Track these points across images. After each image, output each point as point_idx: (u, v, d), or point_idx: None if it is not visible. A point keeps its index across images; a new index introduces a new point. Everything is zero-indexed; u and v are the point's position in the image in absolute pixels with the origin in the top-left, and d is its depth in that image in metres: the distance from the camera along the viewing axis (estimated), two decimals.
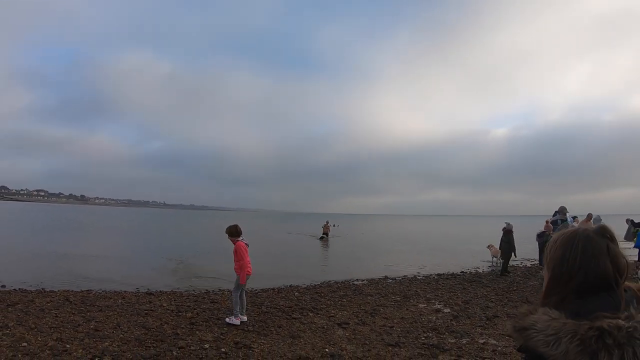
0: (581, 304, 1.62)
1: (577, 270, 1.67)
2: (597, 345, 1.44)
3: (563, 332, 1.51)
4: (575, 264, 1.68)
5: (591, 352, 1.44)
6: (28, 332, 8.09)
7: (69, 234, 39.20)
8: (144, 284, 14.33)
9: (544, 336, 1.55)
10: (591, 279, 1.65)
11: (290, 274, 17.52)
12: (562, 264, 1.72)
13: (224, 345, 7.74)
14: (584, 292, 1.65)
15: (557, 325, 1.54)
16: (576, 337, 1.48)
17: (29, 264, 17.87)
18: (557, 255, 1.75)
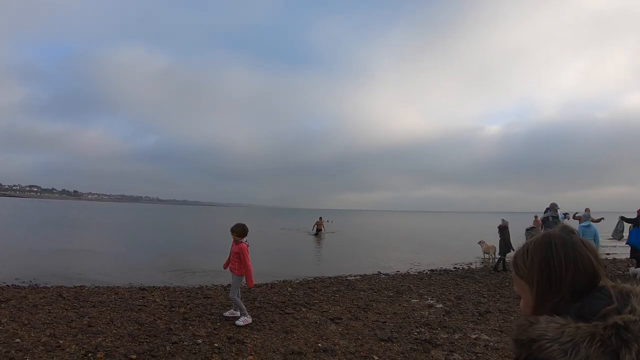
0: (580, 306, 1.54)
1: (566, 272, 1.60)
2: (617, 343, 1.39)
3: (580, 337, 1.42)
4: (562, 266, 1.61)
5: (611, 352, 1.39)
6: (21, 328, 8.08)
7: (62, 230, 39.04)
8: (137, 280, 14.33)
9: (559, 345, 1.43)
10: (581, 277, 1.59)
11: (284, 269, 17.54)
12: (549, 269, 1.62)
13: (217, 341, 7.76)
14: (577, 293, 1.58)
15: (571, 331, 1.44)
16: (596, 339, 1.40)
17: (21, 260, 17.81)
18: (540, 262, 1.65)
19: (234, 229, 9.22)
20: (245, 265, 9.05)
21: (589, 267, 1.60)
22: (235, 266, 9.16)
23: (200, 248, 26.93)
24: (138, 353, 6.95)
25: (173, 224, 58.85)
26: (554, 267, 1.61)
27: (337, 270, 17.72)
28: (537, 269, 1.64)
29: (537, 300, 1.63)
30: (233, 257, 9.18)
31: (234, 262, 9.17)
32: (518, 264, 1.71)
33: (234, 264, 9.17)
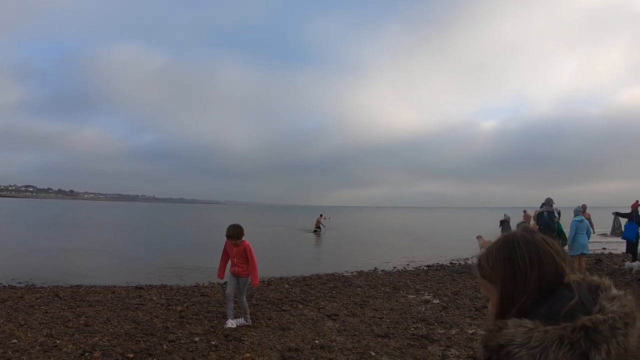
0: (548, 307, 1.52)
1: (531, 270, 1.58)
2: (586, 345, 1.38)
3: (548, 341, 1.40)
4: (527, 264, 1.59)
5: (581, 354, 1.37)
6: (18, 328, 8.07)
7: (58, 229, 38.97)
8: (134, 279, 14.31)
9: (527, 350, 1.40)
10: (546, 274, 1.58)
11: (280, 266, 17.54)
12: (514, 268, 1.61)
13: (214, 338, 7.77)
14: (544, 291, 1.57)
15: (539, 336, 1.41)
16: (564, 343, 1.38)
17: (18, 260, 17.77)
18: (504, 263, 1.63)
19: (232, 234, 8.60)
20: (253, 262, 8.64)
21: (552, 264, 1.59)
22: (243, 268, 8.64)
23: (196, 246, 26.89)
24: (135, 352, 6.94)
25: (169, 223, 58.78)
26: (518, 265, 1.59)
27: (334, 267, 17.73)
28: (502, 269, 1.62)
29: (504, 301, 1.61)
30: (237, 259, 8.62)
31: (241, 264, 8.64)
32: (482, 266, 1.71)
33: (242, 266, 8.64)
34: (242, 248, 8.64)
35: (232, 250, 8.67)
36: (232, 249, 8.65)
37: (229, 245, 8.73)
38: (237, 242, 8.61)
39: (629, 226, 15.84)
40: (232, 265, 8.71)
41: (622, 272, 14.73)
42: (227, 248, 8.79)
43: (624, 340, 1.42)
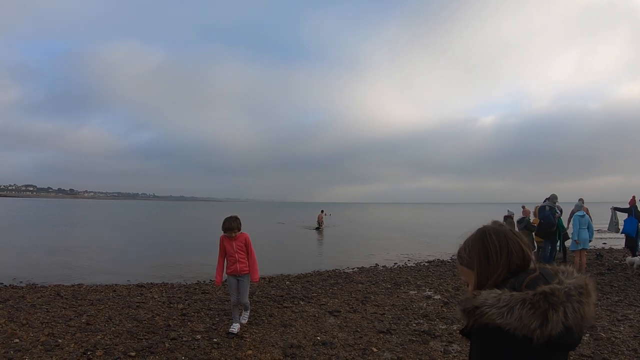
0: (514, 281, 1.87)
1: (501, 256, 1.96)
2: (545, 306, 1.70)
3: (513, 302, 1.74)
4: (498, 251, 1.97)
5: (541, 313, 1.69)
6: (20, 328, 8.07)
7: (58, 228, 38.98)
8: (135, 277, 14.33)
9: (497, 309, 1.75)
10: (514, 259, 1.95)
11: (281, 263, 17.56)
12: (487, 255, 1.99)
13: (215, 336, 7.76)
14: (512, 273, 1.93)
15: (506, 298, 1.76)
16: (527, 303, 1.72)
17: (18, 259, 17.78)
18: (479, 250, 2.02)
19: (232, 226, 7.88)
20: (254, 256, 8.13)
21: (519, 251, 1.97)
22: (245, 263, 8.01)
23: (197, 244, 26.91)
24: (137, 350, 6.94)
25: (169, 220, 58.79)
26: (491, 252, 1.98)
27: (335, 263, 17.76)
28: (477, 256, 2.01)
29: (480, 281, 1.98)
30: (239, 255, 7.96)
31: (242, 259, 8.00)
32: (461, 255, 2.13)
33: (244, 261, 8.01)
34: (242, 240, 8.03)
35: (231, 245, 7.95)
36: (232, 244, 7.94)
37: (226, 241, 7.98)
38: (236, 235, 7.93)
39: (629, 221, 15.91)
40: (232, 263, 7.97)
41: (622, 267, 14.74)
42: (224, 244, 8.00)
43: (580, 307, 1.75)
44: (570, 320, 1.71)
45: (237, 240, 7.96)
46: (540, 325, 1.69)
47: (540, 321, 1.69)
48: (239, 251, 7.98)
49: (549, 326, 1.69)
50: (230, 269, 8.00)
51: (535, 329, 1.69)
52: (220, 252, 8.09)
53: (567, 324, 1.71)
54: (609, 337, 7.58)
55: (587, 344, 7.30)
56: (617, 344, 7.28)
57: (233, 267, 7.98)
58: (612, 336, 7.65)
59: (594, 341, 7.43)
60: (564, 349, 1.83)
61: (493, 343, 1.83)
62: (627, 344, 7.25)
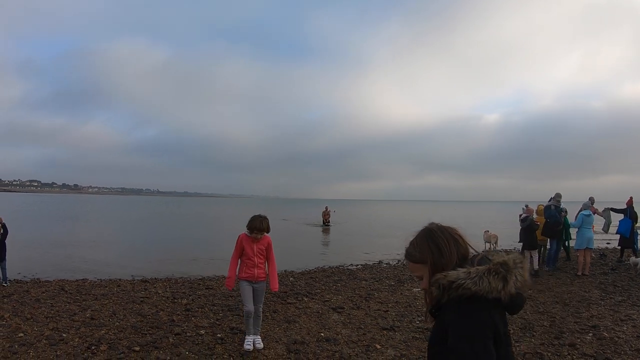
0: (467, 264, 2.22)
1: (451, 246, 2.29)
2: (503, 271, 2.09)
3: (481, 272, 2.10)
4: (447, 244, 2.29)
5: (502, 278, 2.08)
6: (24, 322, 8.11)
7: (62, 223, 39.11)
8: (139, 272, 14.38)
9: (470, 280, 2.09)
10: (462, 250, 2.31)
11: (285, 259, 17.56)
12: (439, 248, 2.29)
13: (219, 331, 7.79)
14: (459, 263, 2.24)
15: (474, 271, 2.11)
16: (492, 271, 2.10)
17: (23, 254, 17.83)
18: (430, 246, 2.32)
19: (263, 226, 6.82)
20: (274, 262, 7.12)
21: (463, 242, 2.34)
22: (263, 269, 7.01)
23: (201, 239, 26.97)
24: (141, 345, 6.96)
25: (173, 216, 58.84)
26: (443, 246, 2.29)
27: (338, 260, 17.79)
28: (430, 251, 2.30)
29: (436, 273, 2.23)
30: (259, 259, 6.95)
31: (262, 264, 7.00)
32: (411, 254, 2.41)
33: (263, 267, 7.01)
34: (265, 243, 7.02)
35: (251, 247, 6.91)
36: (252, 246, 6.91)
37: (247, 242, 6.93)
38: (261, 237, 6.92)
39: (624, 221, 16.26)
40: (249, 267, 6.92)
41: (626, 267, 14.71)
42: (243, 245, 6.95)
43: (522, 272, 2.16)
44: (519, 283, 2.13)
45: (259, 242, 6.96)
46: (503, 287, 2.07)
47: (503, 284, 2.08)
48: (259, 255, 6.96)
49: (508, 287, 2.08)
50: (247, 274, 6.91)
51: (500, 290, 2.07)
52: (235, 252, 7.03)
53: (516, 286, 2.12)
54: (612, 337, 7.57)
55: (589, 343, 7.30)
56: (620, 343, 7.26)
57: (250, 272, 6.91)
58: (615, 336, 7.64)
59: (597, 340, 7.42)
60: (514, 309, 2.23)
61: (470, 309, 2.12)
62: (630, 344, 7.24)
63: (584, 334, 7.80)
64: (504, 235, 24.85)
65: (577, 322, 8.51)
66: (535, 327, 8.14)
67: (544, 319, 8.72)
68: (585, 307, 9.65)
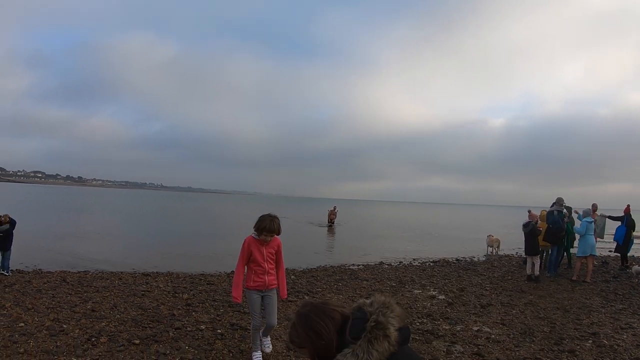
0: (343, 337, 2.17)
1: (329, 328, 2.21)
2: (380, 331, 2.08)
3: (365, 347, 2.06)
4: (325, 327, 2.22)
5: (384, 336, 2.07)
6: (25, 312, 8.15)
7: (65, 215, 39.21)
8: (141, 265, 14.42)
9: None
10: (339, 322, 2.23)
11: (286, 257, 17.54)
12: (318, 333, 2.21)
13: (220, 327, 7.81)
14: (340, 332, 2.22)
15: (358, 348, 2.07)
16: (372, 339, 2.06)
17: (25, 244, 17.86)
18: (308, 333, 2.25)
19: (274, 227, 6.05)
20: (283, 267, 6.52)
21: (338, 315, 2.26)
22: (274, 276, 6.34)
23: (203, 235, 27.00)
24: (141, 338, 6.98)
25: (176, 211, 58.90)
26: (319, 328, 2.22)
27: (340, 260, 17.79)
28: (309, 338, 2.24)
29: (320, 355, 2.24)
30: (269, 264, 6.25)
31: (272, 270, 6.31)
32: (294, 340, 2.35)
33: (273, 274, 6.32)
34: (275, 246, 6.30)
35: (260, 252, 6.16)
36: (262, 250, 6.16)
37: (255, 246, 6.15)
38: (270, 239, 6.18)
39: (620, 229, 16.69)
40: (259, 274, 6.17)
41: (628, 275, 14.69)
42: (252, 250, 6.15)
43: (390, 314, 2.15)
44: (397, 323, 2.14)
45: (269, 245, 6.21)
46: (389, 342, 2.09)
47: (387, 341, 2.09)
48: (269, 260, 6.21)
49: (393, 338, 2.09)
50: (256, 282, 6.16)
51: (390, 347, 2.09)
52: (241, 258, 6.18)
53: (396, 327, 2.13)
54: (612, 345, 7.55)
55: (589, 350, 7.29)
56: (619, 352, 7.25)
57: (260, 280, 6.16)
58: (614, 344, 7.62)
59: (597, 348, 7.41)
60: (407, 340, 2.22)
61: None
62: (629, 352, 7.22)
63: (584, 341, 7.79)
64: (506, 240, 24.85)
65: (577, 328, 8.50)
66: (535, 333, 8.13)
67: (544, 324, 8.72)
68: (586, 314, 9.64)
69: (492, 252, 21.44)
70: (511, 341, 7.64)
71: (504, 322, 8.80)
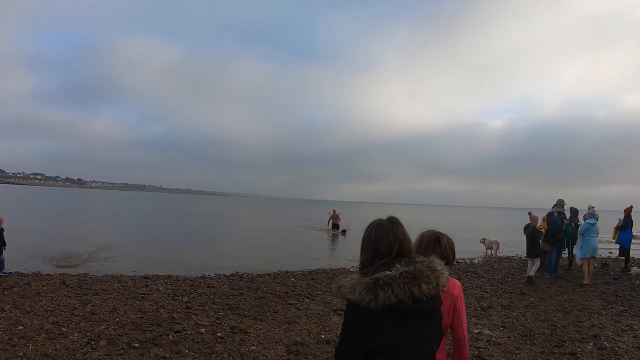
0: (378, 268, 2.39)
1: (369, 243, 2.54)
2: (375, 287, 2.26)
3: (356, 284, 2.31)
4: (368, 239, 2.56)
5: (372, 292, 2.25)
6: (24, 315, 8.12)
7: (65, 217, 39.17)
8: (141, 268, 14.36)
9: (347, 289, 2.33)
10: (381, 247, 2.49)
11: (286, 259, 17.58)
12: (367, 242, 2.55)
13: (219, 330, 7.78)
14: (381, 259, 2.46)
15: (353, 282, 2.34)
16: (362, 284, 2.29)
17: (25, 247, 17.84)
18: (364, 237, 2.59)
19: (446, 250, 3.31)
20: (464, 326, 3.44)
21: (386, 242, 2.50)
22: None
23: (202, 237, 26.97)
24: (141, 341, 6.96)
25: (175, 213, 58.85)
26: (366, 239, 2.57)
27: (340, 262, 17.79)
28: (363, 242, 2.59)
29: (361, 263, 2.56)
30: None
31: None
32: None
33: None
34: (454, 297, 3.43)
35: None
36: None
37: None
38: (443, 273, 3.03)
39: (624, 232, 16.54)
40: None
41: (628, 277, 14.66)
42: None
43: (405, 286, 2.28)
44: (400, 295, 2.26)
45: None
46: (373, 299, 2.25)
47: (372, 296, 2.25)
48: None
49: (380, 300, 2.24)
50: None
51: (370, 301, 2.25)
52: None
53: (398, 297, 2.26)
54: (613, 347, 7.53)
55: (590, 353, 7.27)
56: (620, 354, 7.23)
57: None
58: (615, 346, 7.60)
59: (598, 350, 7.39)
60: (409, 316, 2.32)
61: (349, 310, 2.40)
62: (630, 355, 7.20)
63: (585, 343, 7.77)
64: (505, 242, 24.81)
65: (578, 331, 8.48)
66: (536, 335, 8.11)
67: (544, 327, 8.69)
68: (587, 316, 9.62)
69: (492, 254, 21.41)
70: (512, 344, 7.62)
71: (505, 324, 8.78)
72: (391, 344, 2.33)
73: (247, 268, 14.98)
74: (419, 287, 2.31)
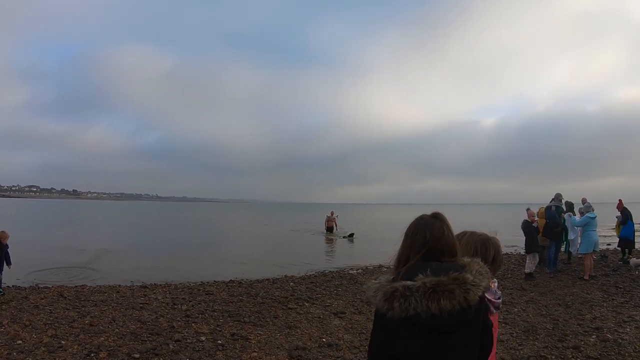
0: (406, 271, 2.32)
1: (407, 239, 2.45)
2: (391, 297, 2.20)
3: (379, 289, 2.27)
4: (408, 234, 2.46)
5: (390, 301, 2.20)
6: (23, 329, 8.04)
7: (61, 229, 39.00)
8: (138, 278, 14.28)
9: (371, 292, 2.31)
10: (417, 245, 2.39)
11: (285, 264, 17.54)
12: (405, 236, 2.46)
13: (220, 337, 7.73)
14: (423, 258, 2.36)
15: (376, 286, 2.30)
16: (382, 292, 2.24)
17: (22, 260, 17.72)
18: (405, 233, 2.47)
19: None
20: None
21: (422, 240, 2.38)
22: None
23: (199, 244, 26.90)
24: (141, 352, 6.90)
25: (171, 221, 58.73)
26: (406, 234, 2.47)
27: (339, 265, 17.76)
28: (402, 238, 2.47)
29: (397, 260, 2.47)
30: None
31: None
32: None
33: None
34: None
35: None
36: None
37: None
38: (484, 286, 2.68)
39: (629, 226, 16.85)
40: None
41: (627, 268, 14.68)
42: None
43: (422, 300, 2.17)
44: (417, 309, 2.17)
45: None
46: (390, 308, 2.20)
47: (389, 306, 2.20)
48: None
49: (396, 311, 2.18)
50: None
51: (387, 310, 2.20)
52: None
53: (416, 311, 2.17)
54: (616, 339, 7.52)
55: (593, 345, 7.26)
56: (623, 345, 7.22)
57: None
58: (618, 337, 7.60)
59: (601, 342, 7.38)
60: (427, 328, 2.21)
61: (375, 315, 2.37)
62: (633, 346, 7.19)
63: (588, 336, 7.76)
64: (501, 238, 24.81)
65: (580, 324, 8.47)
66: (539, 330, 8.09)
67: (546, 321, 8.68)
68: (588, 309, 9.61)
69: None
70: (514, 340, 7.60)
71: (506, 320, 8.76)
72: (407, 355, 2.26)
73: (245, 274, 14.94)
74: (438, 303, 2.18)
